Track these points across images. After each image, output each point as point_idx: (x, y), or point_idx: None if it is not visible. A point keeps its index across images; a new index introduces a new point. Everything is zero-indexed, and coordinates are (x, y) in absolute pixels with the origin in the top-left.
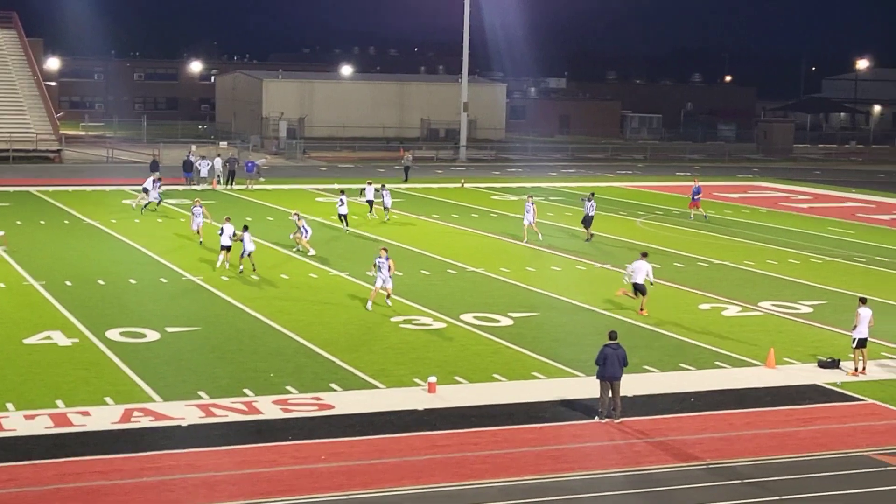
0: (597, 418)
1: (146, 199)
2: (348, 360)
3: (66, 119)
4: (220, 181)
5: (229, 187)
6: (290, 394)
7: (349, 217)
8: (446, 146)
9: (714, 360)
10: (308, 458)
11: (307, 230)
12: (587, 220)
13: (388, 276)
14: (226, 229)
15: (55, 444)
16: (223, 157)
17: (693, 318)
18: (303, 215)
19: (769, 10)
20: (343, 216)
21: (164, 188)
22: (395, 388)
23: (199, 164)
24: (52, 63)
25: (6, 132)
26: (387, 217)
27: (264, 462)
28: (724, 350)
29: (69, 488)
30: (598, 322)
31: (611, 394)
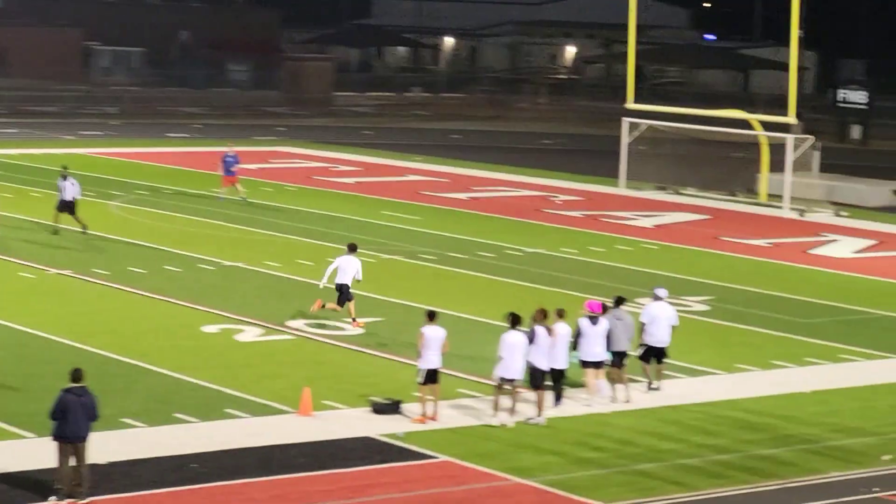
0: (53, 499)
1: None
2: None
3: None
4: None
5: None
6: None
7: None
8: None
9: (224, 405)
10: None
11: None
12: (66, 205)
13: None
14: None
15: None
16: None
17: (194, 346)
18: None
19: None
20: None
21: None
22: None
23: None
24: None
25: None
26: None
27: None
28: (239, 391)
29: None
30: (54, 355)
31: (74, 461)
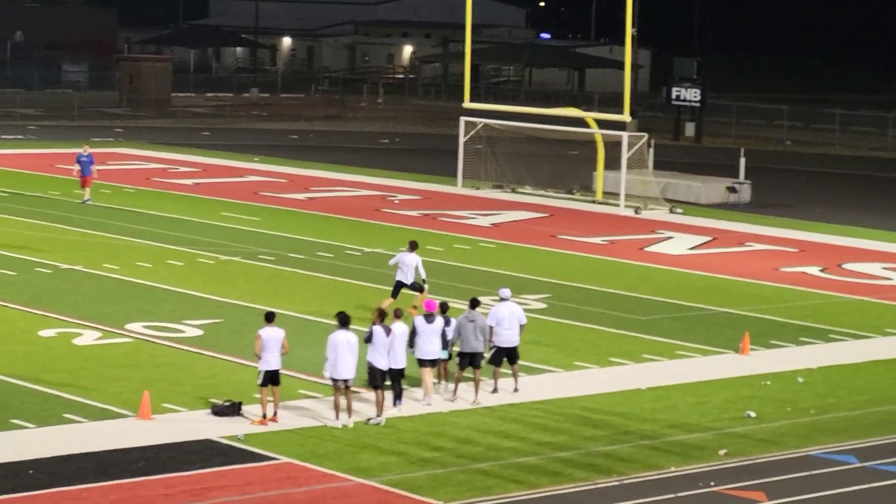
0: None
1: None
2: None
3: None
4: None
5: None
6: None
7: None
8: None
9: (63, 410)
10: None
11: None
12: None
13: None
14: None
15: None
16: None
17: (32, 351)
18: None
19: None
20: None
21: None
22: None
23: None
24: None
25: None
26: None
27: None
28: (77, 396)
29: None
30: None
31: None
